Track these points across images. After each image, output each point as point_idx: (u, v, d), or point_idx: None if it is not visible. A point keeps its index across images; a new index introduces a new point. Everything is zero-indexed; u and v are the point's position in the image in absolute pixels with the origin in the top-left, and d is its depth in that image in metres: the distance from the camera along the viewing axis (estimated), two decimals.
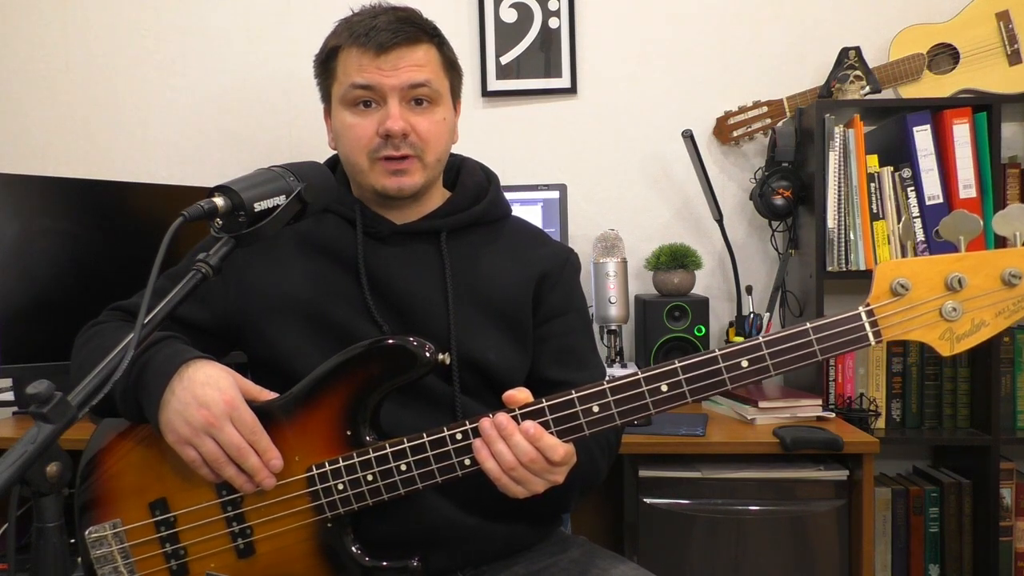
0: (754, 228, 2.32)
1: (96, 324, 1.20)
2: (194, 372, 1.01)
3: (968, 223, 0.94)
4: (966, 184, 2.01)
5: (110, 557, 1.06)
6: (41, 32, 2.42)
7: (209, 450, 0.99)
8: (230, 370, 1.04)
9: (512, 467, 0.97)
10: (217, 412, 0.98)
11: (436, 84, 1.19)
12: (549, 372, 1.23)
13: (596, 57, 2.34)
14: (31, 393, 0.75)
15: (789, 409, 1.84)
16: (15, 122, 2.44)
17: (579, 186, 2.31)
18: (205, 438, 0.99)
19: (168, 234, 0.87)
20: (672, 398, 0.97)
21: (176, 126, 2.42)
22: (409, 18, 1.19)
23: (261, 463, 1.01)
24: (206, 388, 0.99)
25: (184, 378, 1.01)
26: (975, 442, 2.01)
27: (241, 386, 1.03)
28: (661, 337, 2.05)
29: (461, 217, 1.23)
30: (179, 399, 0.99)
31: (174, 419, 0.99)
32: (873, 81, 2.13)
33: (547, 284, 1.24)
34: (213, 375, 1.01)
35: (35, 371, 1.83)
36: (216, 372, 1.02)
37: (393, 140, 1.15)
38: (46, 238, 1.88)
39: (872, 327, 0.94)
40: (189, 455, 1.00)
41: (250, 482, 1.02)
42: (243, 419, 1.00)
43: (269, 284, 1.18)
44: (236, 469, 1.01)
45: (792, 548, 1.70)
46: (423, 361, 1.02)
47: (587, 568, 1.18)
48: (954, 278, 0.93)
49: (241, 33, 2.39)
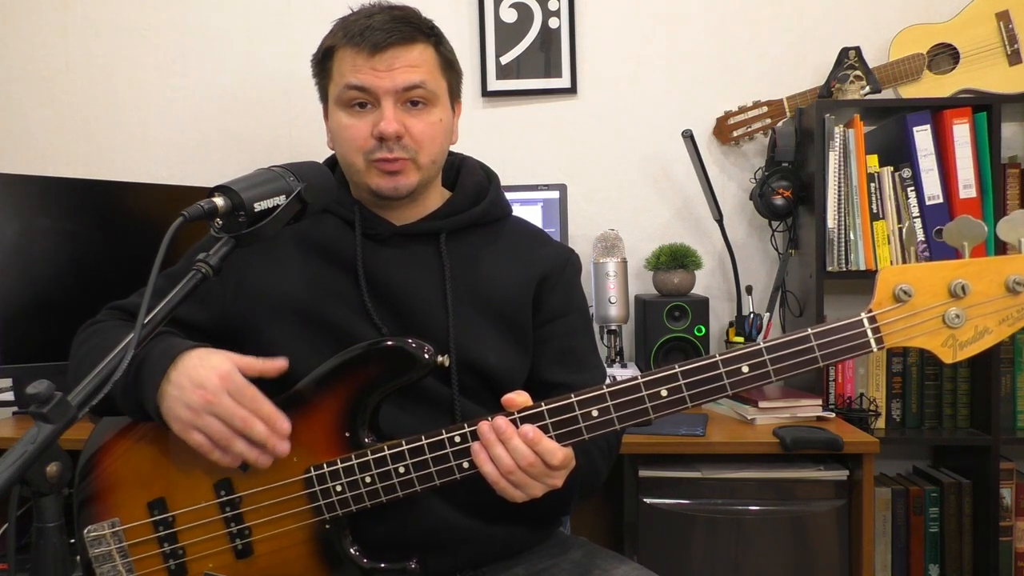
0: (754, 228, 2.31)
1: (94, 323, 1.20)
2: (187, 359, 1.01)
3: (972, 229, 0.93)
4: (966, 184, 2.01)
5: (108, 556, 1.06)
6: (41, 32, 2.42)
7: (214, 429, 0.98)
8: (227, 352, 1.02)
9: (510, 471, 0.97)
10: (212, 388, 0.97)
11: (432, 85, 1.17)
12: (549, 373, 1.22)
13: (596, 57, 2.34)
14: (31, 393, 0.75)
15: (789, 409, 1.84)
16: (15, 122, 2.44)
17: (579, 186, 2.31)
18: (208, 417, 0.98)
19: (168, 234, 0.87)
20: (672, 403, 0.97)
21: (176, 126, 2.42)
22: (405, 17, 1.17)
23: (268, 431, 0.99)
24: (199, 369, 0.99)
25: (179, 366, 1.00)
26: (975, 442, 2.01)
27: (239, 362, 1.01)
28: (661, 337, 2.05)
29: (461, 218, 1.23)
30: (175, 385, 0.99)
31: (174, 406, 0.99)
32: (873, 81, 2.13)
33: (548, 285, 1.24)
34: (204, 355, 1.01)
35: (35, 371, 1.83)
36: (207, 352, 1.01)
37: (387, 142, 1.14)
38: (46, 238, 1.88)
39: (874, 333, 0.93)
40: (196, 439, 0.99)
41: (263, 454, 1.00)
42: (240, 390, 0.98)
43: (268, 285, 1.18)
44: (246, 443, 0.99)
45: (792, 548, 1.70)
46: (422, 363, 1.01)
47: (588, 570, 1.18)
48: (957, 285, 0.92)
49: (241, 33, 2.39)
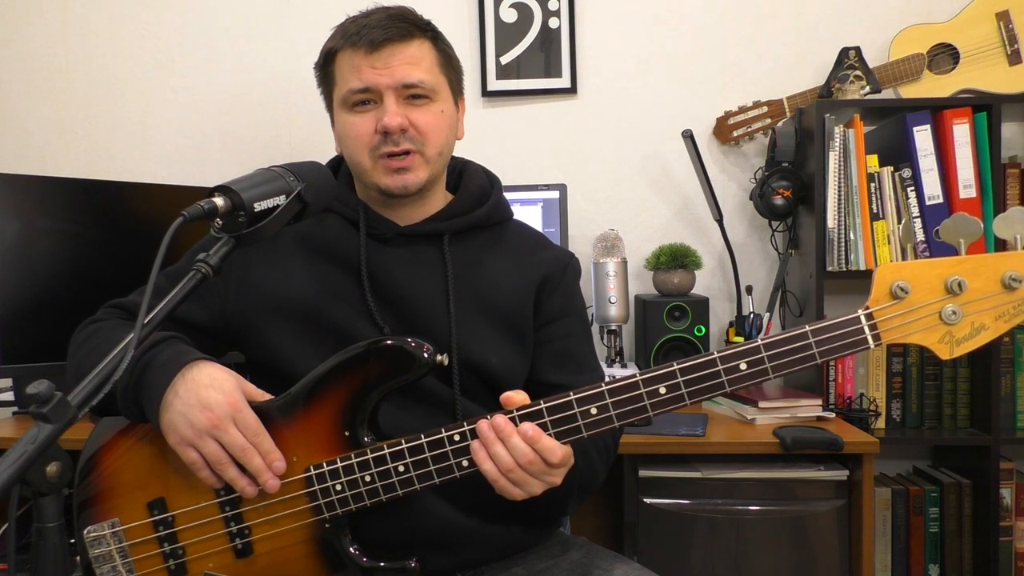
0: (754, 228, 2.31)
1: (94, 321, 1.20)
2: (197, 374, 1.01)
3: (968, 226, 0.94)
4: (966, 184, 2.01)
5: (108, 556, 1.06)
6: (41, 32, 2.42)
7: (212, 451, 0.99)
8: (233, 372, 1.04)
9: (510, 469, 0.97)
10: (220, 414, 0.98)
11: (432, 80, 1.18)
12: (548, 375, 1.23)
13: (596, 57, 2.34)
14: (31, 393, 0.75)
15: (789, 409, 1.84)
16: (15, 122, 2.44)
17: (579, 186, 2.31)
18: (208, 440, 0.99)
19: (168, 234, 0.87)
20: (670, 400, 0.97)
21: (176, 126, 2.42)
22: (401, 14, 1.18)
23: (264, 464, 1.01)
24: (209, 390, 0.99)
25: (187, 379, 1.00)
26: (975, 442, 2.01)
27: (243, 388, 1.03)
28: (661, 337, 2.05)
29: (464, 220, 1.23)
30: (182, 400, 0.99)
31: (177, 420, 0.99)
32: (873, 81, 2.13)
33: (548, 288, 1.24)
34: (217, 377, 1.01)
35: (35, 371, 1.83)
36: (219, 374, 1.02)
37: (392, 136, 1.15)
38: (46, 238, 1.88)
39: (871, 330, 0.94)
40: (190, 457, 1.00)
41: (252, 484, 1.01)
42: (246, 421, 1.00)
43: (270, 284, 1.18)
44: (238, 471, 1.00)
45: (792, 548, 1.70)
46: (421, 362, 1.02)
47: (588, 570, 1.18)
48: (954, 281, 0.92)
49: (241, 33, 2.39)
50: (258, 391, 1.05)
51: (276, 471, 1.02)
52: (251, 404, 1.02)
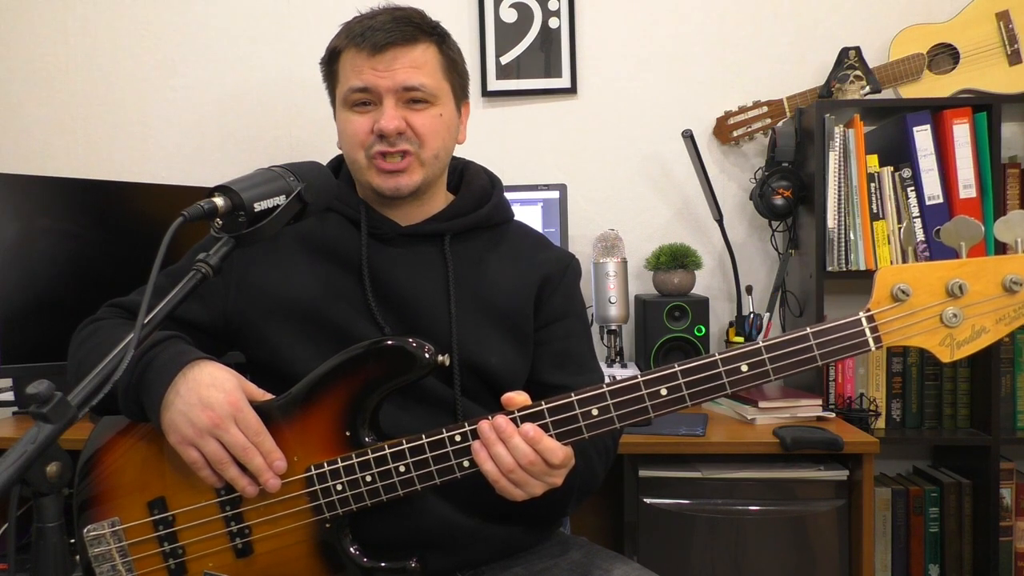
0: (754, 228, 2.32)
1: (94, 320, 1.20)
2: (198, 373, 1.01)
3: (969, 229, 0.94)
4: (966, 184, 2.01)
5: (108, 556, 1.06)
6: (41, 32, 2.42)
7: (212, 451, 0.99)
8: (234, 371, 1.04)
9: (511, 469, 0.97)
10: (222, 413, 0.98)
11: (433, 85, 1.17)
12: (548, 376, 1.23)
13: (596, 57, 2.34)
14: (31, 393, 0.75)
15: (789, 409, 1.84)
16: (15, 122, 2.44)
17: (579, 186, 2.31)
18: (209, 439, 0.99)
19: (168, 234, 0.87)
20: (671, 402, 0.97)
21: (176, 126, 2.42)
22: (407, 17, 1.18)
23: (265, 464, 1.00)
24: (211, 390, 0.99)
25: (188, 379, 1.00)
26: (975, 442, 2.01)
27: (244, 387, 1.03)
28: (661, 337, 2.05)
29: (465, 220, 1.23)
30: (183, 400, 0.99)
31: (178, 420, 0.99)
32: (873, 81, 2.13)
33: (548, 288, 1.25)
34: (218, 376, 1.01)
35: (35, 371, 1.83)
36: (221, 373, 1.02)
37: (388, 138, 1.15)
38: (46, 238, 1.88)
39: (872, 333, 0.94)
40: (191, 456, 1.00)
41: (252, 484, 1.01)
42: (247, 421, 1.00)
43: (270, 284, 1.18)
44: (238, 470, 1.00)
45: (792, 548, 1.69)
46: (422, 362, 1.02)
47: (588, 570, 1.18)
48: (955, 284, 0.92)
49: (241, 33, 2.39)
50: (259, 391, 1.05)
51: (277, 471, 1.01)
52: (252, 404, 1.02)
